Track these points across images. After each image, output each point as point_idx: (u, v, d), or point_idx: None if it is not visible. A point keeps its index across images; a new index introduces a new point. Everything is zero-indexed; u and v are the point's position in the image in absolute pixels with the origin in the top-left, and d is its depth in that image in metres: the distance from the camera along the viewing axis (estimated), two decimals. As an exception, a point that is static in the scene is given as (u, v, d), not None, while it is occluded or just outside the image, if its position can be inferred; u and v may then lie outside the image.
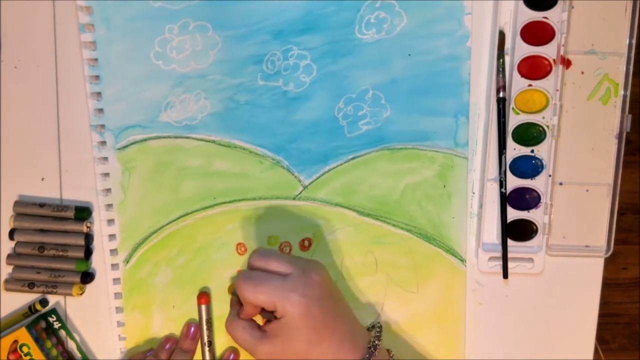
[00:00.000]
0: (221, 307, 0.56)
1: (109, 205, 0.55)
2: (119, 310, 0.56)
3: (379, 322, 0.53)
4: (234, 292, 0.52)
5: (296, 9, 0.53)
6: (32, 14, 0.54)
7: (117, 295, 0.56)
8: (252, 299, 0.48)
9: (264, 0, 0.52)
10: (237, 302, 0.51)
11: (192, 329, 0.56)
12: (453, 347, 0.57)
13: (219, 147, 0.55)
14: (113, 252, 0.56)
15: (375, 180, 0.55)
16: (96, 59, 0.53)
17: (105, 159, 0.54)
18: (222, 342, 0.57)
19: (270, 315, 0.50)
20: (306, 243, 0.56)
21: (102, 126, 0.54)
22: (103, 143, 0.54)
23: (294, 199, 0.56)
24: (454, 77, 0.54)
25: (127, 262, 0.56)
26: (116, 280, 0.56)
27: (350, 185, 0.55)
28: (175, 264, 0.56)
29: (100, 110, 0.54)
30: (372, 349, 0.48)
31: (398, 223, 0.56)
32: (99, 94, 0.53)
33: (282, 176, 0.55)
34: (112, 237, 0.55)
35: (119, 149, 0.54)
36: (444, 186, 0.55)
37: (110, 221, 0.55)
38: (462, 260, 0.56)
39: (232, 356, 0.57)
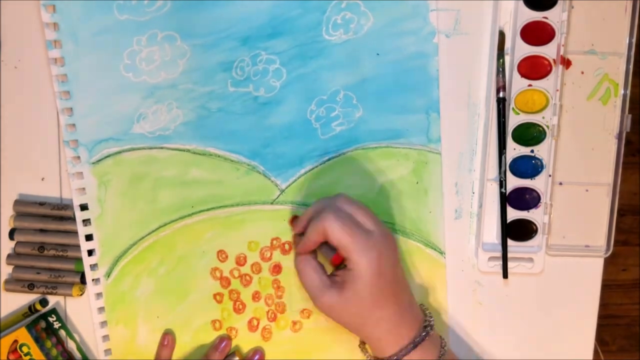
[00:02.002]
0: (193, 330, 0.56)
1: (87, 220, 0.55)
2: (103, 324, 0.56)
3: (427, 309, 0.52)
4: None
5: (262, 14, 0.53)
6: (31, 14, 0.54)
7: (100, 310, 0.56)
8: (337, 238, 0.47)
9: (230, 7, 0.53)
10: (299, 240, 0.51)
11: (224, 343, 0.56)
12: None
13: (193, 155, 0.55)
14: (93, 267, 0.56)
15: (352, 180, 0.55)
16: (65, 75, 0.53)
17: (80, 174, 0.54)
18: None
19: (332, 253, 0.50)
20: (287, 246, 0.56)
21: (75, 141, 0.54)
22: (77, 158, 0.54)
23: (272, 203, 0.56)
24: (422, 74, 0.54)
25: (108, 276, 0.56)
26: (98, 295, 0.56)
27: (327, 186, 0.55)
28: (157, 275, 0.56)
29: (73, 126, 0.54)
30: (428, 327, 0.49)
31: (377, 221, 0.56)
32: (70, 109, 0.53)
33: (259, 181, 0.55)
34: (91, 252, 0.55)
35: (93, 163, 0.54)
36: (417, 182, 0.55)
37: (89, 236, 0.55)
38: (442, 253, 0.56)
39: (256, 356, 0.57)
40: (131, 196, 0.55)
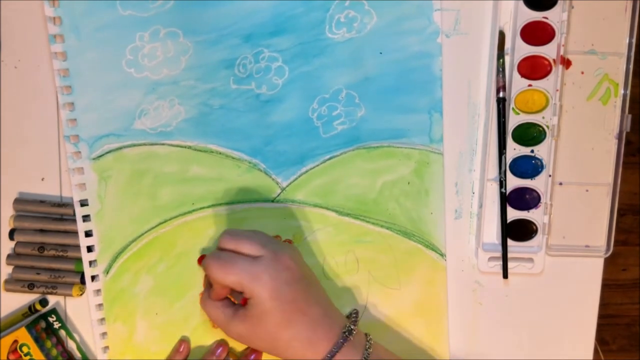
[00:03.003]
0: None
1: (86, 216, 0.55)
2: (101, 321, 0.56)
3: (355, 309, 0.52)
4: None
5: (265, 12, 0.53)
6: (31, 14, 0.54)
7: (99, 307, 0.56)
8: (221, 279, 0.47)
9: (233, 4, 0.52)
10: (209, 281, 0.51)
11: (220, 349, 0.56)
12: (437, 340, 0.57)
13: (195, 152, 0.55)
14: (92, 263, 0.55)
15: (353, 179, 0.55)
16: (67, 69, 0.53)
17: (81, 169, 0.54)
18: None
19: (241, 296, 0.50)
20: (287, 245, 0.56)
21: (76, 136, 0.54)
22: (77, 153, 0.54)
23: (272, 201, 0.56)
24: (426, 74, 0.54)
25: (107, 273, 0.56)
26: (97, 292, 0.56)
27: (328, 185, 0.55)
28: (156, 272, 0.56)
29: (74, 121, 0.54)
30: (346, 333, 0.48)
31: (377, 221, 0.56)
32: (71, 104, 0.53)
33: (260, 179, 0.55)
34: (90, 248, 0.55)
35: (93, 158, 0.54)
36: (420, 182, 0.55)
37: (88, 232, 0.55)
38: (442, 255, 0.56)
39: (252, 356, 0.56)
40: (131, 192, 0.55)
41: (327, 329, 0.48)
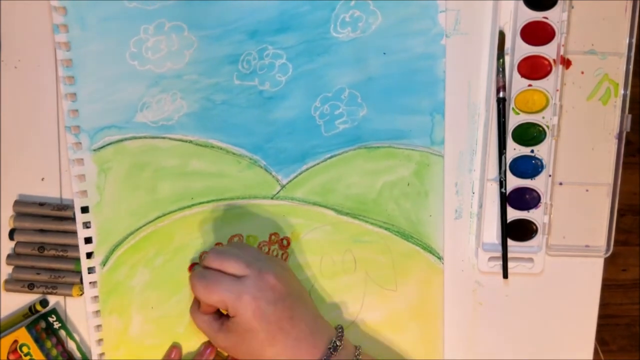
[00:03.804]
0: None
1: (85, 208, 0.55)
2: (96, 314, 0.56)
3: (339, 325, 0.52)
4: None
5: (271, 9, 0.53)
6: (31, 14, 0.54)
7: (95, 299, 0.56)
8: (205, 298, 0.48)
9: (239, 0, 0.53)
10: None
11: (208, 350, 0.56)
12: (432, 344, 0.57)
13: (195, 147, 0.55)
14: (89, 255, 0.55)
15: (353, 179, 0.55)
16: (70, 60, 0.53)
17: (81, 160, 0.54)
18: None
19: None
20: (285, 242, 0.56)
21: (77, 127, 0.54)
22: (78, 144, 0.54)
23: (271, 198, 0.56)
24: (429, 75, 0.54)
25: (104, 265, 0.55)
26: (93, 284, 0.55)
27: (327, 184, 0.55)
28: (153, 265, 0.56)
29: (75, 111, 0.53)
30: (331, 349, 0.48)
31: (376, 221, 0.56)
32: (73, 94, 0.53)
33: (260, 176, 0.55)
34: (88, 240, 0.55)
35: (94, 150, 0.54)
36: (420, 184, 0.55)
37: (86, 224, 0.55)
38: (440, 258, 0.56)
39: (207, 351, 0.57)
40: (131, 185, 0.55)
41: (312, 346, 0.48)
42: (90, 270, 0.55)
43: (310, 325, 0.49)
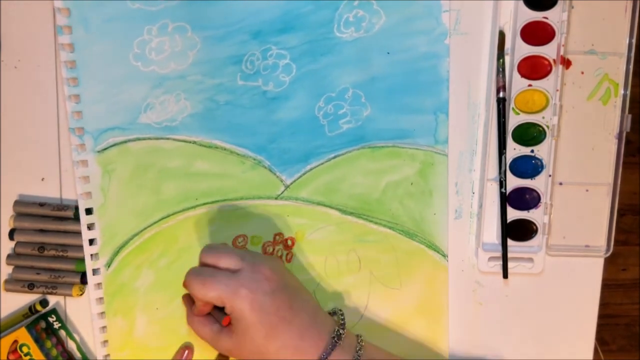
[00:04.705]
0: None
1: (89, 209, 0.54)
2: (101, 315, 0.56)
3: (339, 309, 0.52)
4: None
5: (274, 9, 0.53)
6: (31, 14, 0.54)
7: (99, 301, 0.56)
8: (201, 295, 0.48)
9: (242, 0, 0.52)
10: (190, 298, 0.51)
11: (186, 352, 0.56)
12: (437, 341, 0.57)
13: (199, 147, 0.55)
14: (94, 256, 0.55)
15: (357, 178, 0.55)
16: (74, 61, 0.53)
17: (85, 162, 0.54)
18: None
19: (222, 315, 0.50)
20: (289, 242, 0.56)
21: (81, 129, 0.54)
22: (82, 146, 0.54)
23: (276, 198, 0.56)
24: (433, 75, 0.54)
25: (109, 267, 0.55)
26: (98, 286, 0.55)
27: (332, 184, 0.55)
28: (158, 266, 0.56)
29: (79, 113, 0.53)
30: (335, 338, 0.48)
31: (380, 221, 0.56)
32: (77, 96, 0.53)
33: (264, 176, 0.55)
34: (92, 241, 0.55)
35: (98, 151, 0.54)
36: (424, 183, 0.55)
37: (91, 225, 0.55)
38: (444, 256, 0.56)
39: (185, 353, 0.57)
40: (135, 186, 0.55)
41: (316, 335, 0.48)
42: (95, 271, 0.55)
43: (311, 315, 0.49)
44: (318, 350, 0.47)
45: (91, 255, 0.55)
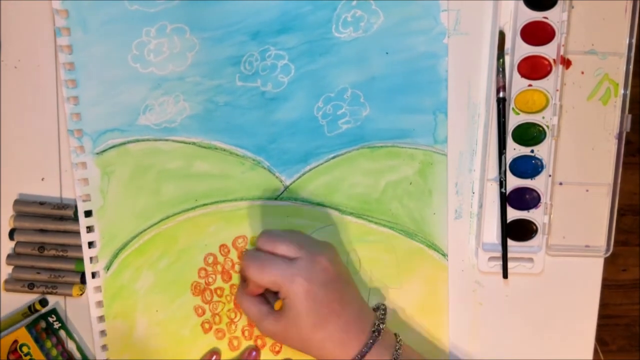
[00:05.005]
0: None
1: (88, 212, 0.54)
2: (101, 319, 0.56)
3: (383, 304, 0.52)
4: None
5: (272, 10, 0.53)
6: (31, 14, 0.54)
7: (99, 304, 0.55)
8: (257, 279, 0.48)
9: (240, 1, 0.53)
10: (244, 276, 0.51)
11: (254, 353, 0.56)
12: (437, 341, 0.57)
13: (199, 149, 0.55)
14: (93, 259, 0.55)
15: (356, 178, 0.55)
16: (72, 63, 0.53)
17: (84, 164, 0.54)
18: None
19: (275, 298, 0.51)
20: (289, 243, 0.56)
21: (80, 131, 0.53)
22: (81, 148, 0.54)
23: (275, 199, 0.56)
24: (431, 75, 0.54)
25: (108, 270, 0.55)
26: (97, 289, 0.55)
27: (331, 184, 0.55)
28: (158, 268, 0.55)
29: (78, 115, 0.53)
30: (376, 333, 0.48)
31: (380, 221, 0.56)
32: (75, 98, 0.53)
33: (264, 177, 0.55)
34: (91, 244, 0.55)
35: (97, 153, 0.54)
36: (424, 183, 0.55)
37: (90, 228, 0.54)
38: (444, 255, 0.56)
39: (253, 354, 0.57)
40: (134, 188, 0.55)
41: (360, 329, 0.49)
42: (94, 274, 0.55)
43: (357, 308, 0.50)
44: (359, 344, 0.48)
45: (90, 258, 0.55)
